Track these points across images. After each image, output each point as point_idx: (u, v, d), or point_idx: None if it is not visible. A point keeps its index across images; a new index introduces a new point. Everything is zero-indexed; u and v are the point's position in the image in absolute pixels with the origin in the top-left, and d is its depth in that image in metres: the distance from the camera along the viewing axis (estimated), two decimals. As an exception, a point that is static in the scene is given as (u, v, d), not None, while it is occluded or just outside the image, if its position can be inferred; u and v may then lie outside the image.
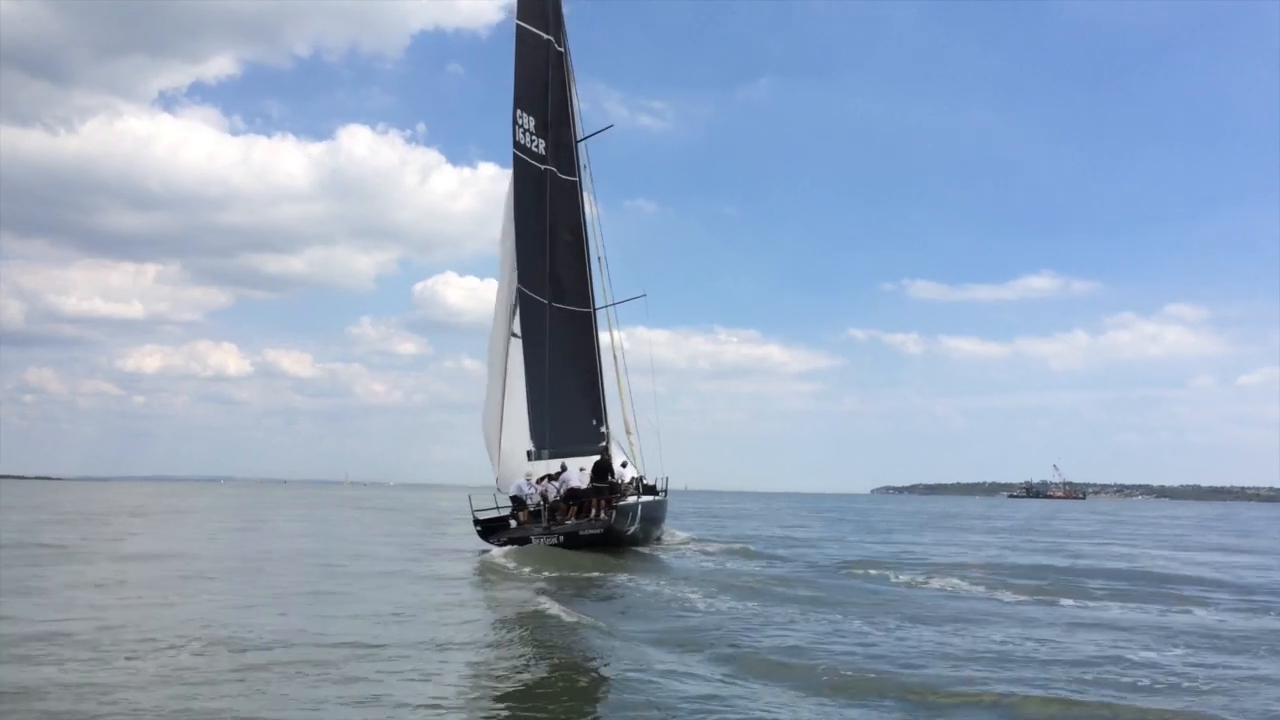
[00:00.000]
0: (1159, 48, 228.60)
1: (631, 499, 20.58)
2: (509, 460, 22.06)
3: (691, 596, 13.51)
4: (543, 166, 21.04)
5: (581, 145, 22.36)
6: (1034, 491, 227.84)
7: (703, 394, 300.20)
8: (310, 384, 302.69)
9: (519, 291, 21.11)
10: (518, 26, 21.58)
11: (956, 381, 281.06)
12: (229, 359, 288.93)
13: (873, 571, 18.01)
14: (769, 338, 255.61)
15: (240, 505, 59.58)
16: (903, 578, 17.00)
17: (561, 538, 19.47)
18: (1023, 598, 14.49)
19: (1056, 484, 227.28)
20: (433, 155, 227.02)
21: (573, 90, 22.17)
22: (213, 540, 26.36)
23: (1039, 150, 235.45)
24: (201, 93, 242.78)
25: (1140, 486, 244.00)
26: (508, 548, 19.48)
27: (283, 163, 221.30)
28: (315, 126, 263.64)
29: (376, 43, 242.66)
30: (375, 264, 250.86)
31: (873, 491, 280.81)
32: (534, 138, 21.10)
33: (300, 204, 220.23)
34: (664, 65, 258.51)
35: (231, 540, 26.78)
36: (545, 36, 21.72)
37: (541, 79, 21.55)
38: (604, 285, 22.67)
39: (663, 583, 15.07)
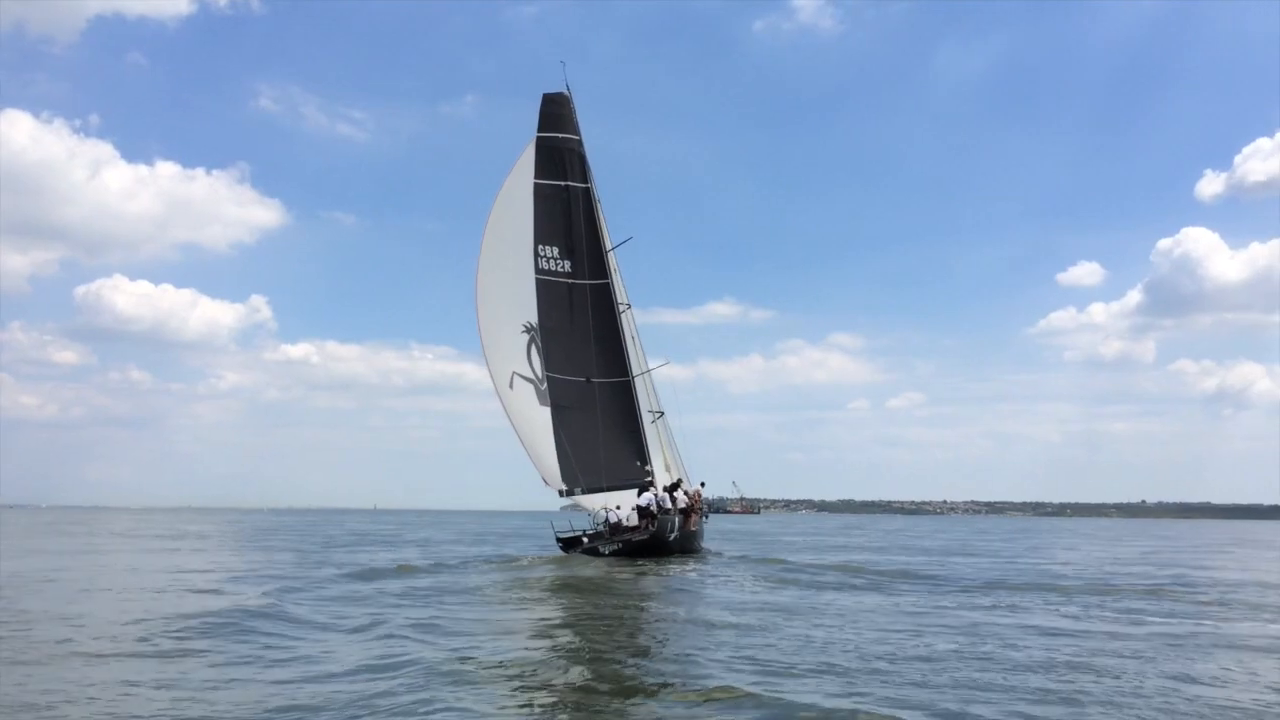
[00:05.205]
0: (831, 100, 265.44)
1: (671, 514, 29.82)
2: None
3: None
4: (570, 282, 30.26)
5: (612, 254, 31.83)
6: (715, 507, 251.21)
7: (395, 410, 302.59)
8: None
9: (549, 376, 30.21)
10: (535, 184, 30.68)
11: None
12: None
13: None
14: (465, 355, 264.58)
15: None
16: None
17: (620, 544, 28.62)
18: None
19: (734, 500, 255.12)
20: (105, 149, 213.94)
21: (598, 214, 31.54)
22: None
23: (727, 184, 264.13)
24: None
25: (804, 501, 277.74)
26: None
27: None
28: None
29: (46, 24, 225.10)
30: (31, 264, 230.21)
31: (562, 509, 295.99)
32: (559, 261, 30.39)
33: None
34: (366, 73, 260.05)
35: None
36: (560, 184, 30.95)
37: (562, 216, 30.74)
38: (639, 357, 32.23)
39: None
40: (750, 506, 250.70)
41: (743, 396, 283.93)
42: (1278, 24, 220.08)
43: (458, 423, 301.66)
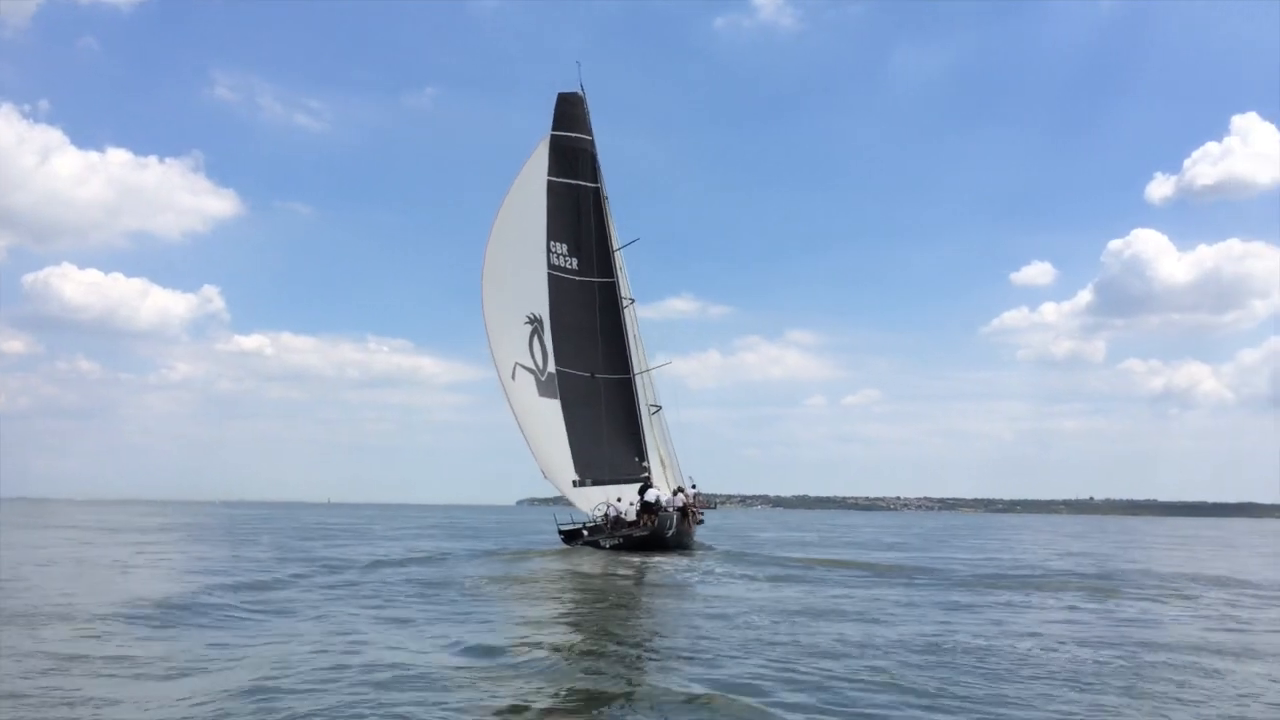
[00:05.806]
0: (790, 98, 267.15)
1: (670, 512, 31.03)
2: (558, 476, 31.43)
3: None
4: (578, 278, 31.00)
5: (619, 253, 32.72)
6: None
7: (350, 403, 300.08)
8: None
9: (559, 370, 30.85)
10: (548, 181, 31.49)
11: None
12: None
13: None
14: (421, 348, 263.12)
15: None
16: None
17: (621, 539, 29.40)
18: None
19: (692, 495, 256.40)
20: (55, 135, 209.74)
21: (607, 214, 32.37)
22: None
23: (686, 179, 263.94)
24: None
25: (759, 497, 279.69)
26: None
27: None
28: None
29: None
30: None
31: (518, 503, 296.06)
32: (567, 259, 31.18)
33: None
34: (324, 64, 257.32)
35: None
36: (574, 183, 31.81)
37: (572, 214, 31.48)
38: (640, 355, 33.12)
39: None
40: (707, 502, 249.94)
41: (701, 392, 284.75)
42: (1228, 31, 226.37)
43: (414, 416, 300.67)
